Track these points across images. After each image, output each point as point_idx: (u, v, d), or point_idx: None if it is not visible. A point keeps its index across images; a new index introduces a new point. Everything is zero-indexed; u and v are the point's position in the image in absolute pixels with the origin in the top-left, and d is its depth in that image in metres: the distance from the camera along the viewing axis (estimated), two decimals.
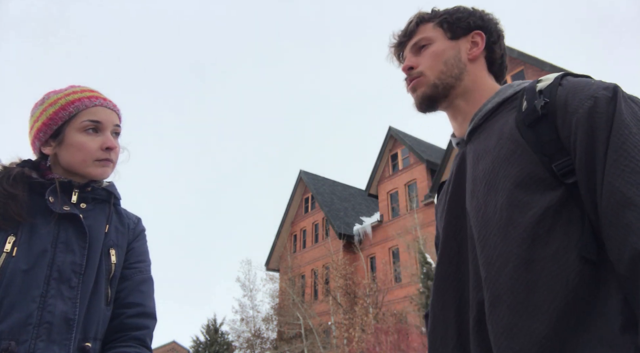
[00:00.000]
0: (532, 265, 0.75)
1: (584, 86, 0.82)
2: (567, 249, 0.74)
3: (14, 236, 1.06)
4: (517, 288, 0.75)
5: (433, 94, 1.03)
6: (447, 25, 1.06)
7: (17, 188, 1.11)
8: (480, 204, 0.87)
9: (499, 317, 0.76)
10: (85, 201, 1.20)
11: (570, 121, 0.80)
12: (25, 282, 1.02)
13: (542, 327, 0.71)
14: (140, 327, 1.16)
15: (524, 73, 15.26)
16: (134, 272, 1.23)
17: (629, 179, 0.70)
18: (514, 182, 0.82)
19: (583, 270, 0.72)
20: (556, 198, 0.78)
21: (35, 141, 1.21)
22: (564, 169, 0.79)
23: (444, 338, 0.90)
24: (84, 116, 1.18)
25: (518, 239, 0.78)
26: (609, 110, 0.76)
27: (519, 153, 0.84)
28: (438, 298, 0.94)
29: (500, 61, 1.09)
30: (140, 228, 1.34)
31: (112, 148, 1.20)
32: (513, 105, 0.93)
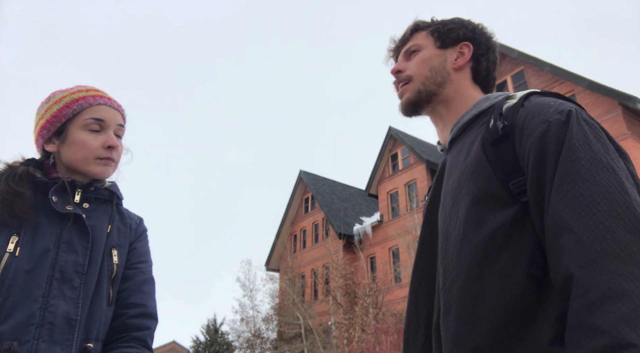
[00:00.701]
0: (480, 279, 0.80)
1: (541, 109, 0.86)
2: (514, 266, 0.78)
3: (17, 236, 1.06)
4: (464, 300, 0.81)
5: (416, 99, 1.09)
6: (437, 34, 1.12)
7: (23, 186, 1.11)
8: (446, 218, 0.93)
9: (448, 325, 0.82)
10: (88, 201, 1.20)
11: (525, 143, 0.83)
12: (27, 282, 1.02)
13: (483, 337, 0.77)
14: (141, 328, 1.16)
15: (524, 73, 15.25)
16: (135, 273, 1.23)
17: (569, 204, 0.74)
18: (472, 199, 0.86)
19: (526, 287, 0.77)
20: (511, 215, 0.82)
21: (39, 138, 1.22)
22: (520, 188, 0.83)
23: (415, 337, 0.97)
24: (87, 114, 1.19)
25: (470, 254, 0.83)
26: (559, 135, 0.80)
27: (480, 171, 0.88)
28: (413, 299, 1.00)
29: (485, 73, 1.12)
30: (142, 228, 1.34)
31: (114, 147, 1.20)
32: (485, 120, 0.97)
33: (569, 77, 13.58)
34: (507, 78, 15.78)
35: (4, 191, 1.09)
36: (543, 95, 0.92)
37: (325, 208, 22.31)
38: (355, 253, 20.62)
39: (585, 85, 13.07)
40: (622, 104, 12.30)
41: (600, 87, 12.68)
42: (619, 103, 12.37)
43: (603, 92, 12.59)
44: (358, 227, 21.48)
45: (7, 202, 1.07)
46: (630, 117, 12.52)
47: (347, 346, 16.15)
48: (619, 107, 12.39)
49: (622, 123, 12.20)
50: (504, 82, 15.89)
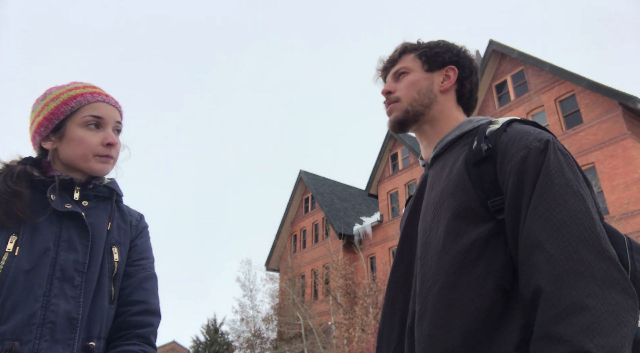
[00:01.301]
0: (455, 288, 0.87)
1: (522, 136, 0.93)
2: (487, 277, 0.85)
3: (16, 236, 1.05)
4: (439, 306, 0.87)
5: (404, 118, 1.16)
6: (425, 58, 1.18)
7: (21, 185, 1.10)
8: (426, 229, 0.99)
9: (422, 328, 0.88)
10: (87, 198, 1.19)
11: (506, 166, 0.90)
12: (28, 282, 1.01)
13: (454, 340, 0.83)
14: (144, 325, 1.16)
15: (524, 73, 15.25)
16: (137, 269, 1.22)
17: (542, 225, 0.81)
18: (452, 213, 0.93)
19: (496, 297, 0.84)
20: (486, 231, 0.89)
21: (35, 135, 1.20)
22: (497, 206, 0.90)
23: (388, 339, 1.03)
24: (85, 111, 1.18)
25: (448, 264, 0.89)
26: (538, 161, 0.87)
27: (461, 188, 0.94)
28: (388, 304, 1.06)
29: (469, 95, 1.20)
30: (143, 224, 1.33)
31: (113, 144, 1.20)
32: (467, 141, 1.04)
33: (569, 77, 13.58)
34: (507, 78, 15.77)
35: (2, 191, 1.08)
36: (523, 123, 1.00)
37: (325, 208, 22.30)
38: (355, 253, 20.62)
39: (585, 85, 13.06)
40: (622, 104, 12.30)
41: (600, 87, 12.67)
42: (619, 103, 12.37)
43: (603, 92, 12.59)
44: (358, 227, 21.47)
45: (5, 202, 1.06)
46: (630, 117, 12.51)
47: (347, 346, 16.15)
48: (619, 107, 12.39)
49: (622, 123, 12.19)
50: (504, 82, 15.88)
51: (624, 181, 11.65)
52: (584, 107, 13.29)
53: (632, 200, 11.30)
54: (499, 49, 15.92)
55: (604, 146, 12.34)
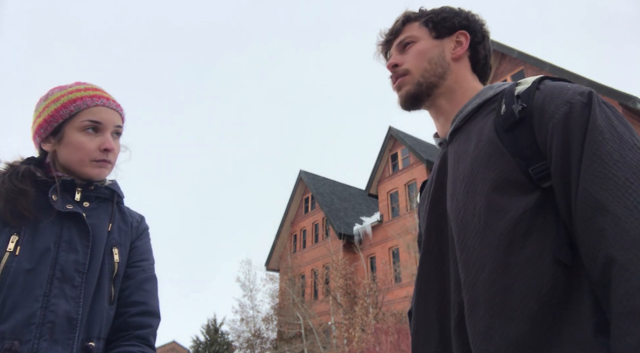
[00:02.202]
0: (508, 269, 0.76)
1: (560, 91, 0.83)
2: (542, 253, 0.75)
3: (17, 235, 1.06)
4: (493, 292, 0.77)
5: (417, 92, 1.04)
6: (432, 24, 1.07)
7: (26, 184, 1.11)
8: (459, 207, 0.88)
9: (477, 320, 0.77)
10: (88, 199, 1.20)
11: (546, 126, 0.81)
12: (28, 281, 1.01)
13: (517, 330, 0.73)
14: (143, 326, 1.16)
15: (524, 73, 15.25)
16: (137, 271, 1.23)
17: (602, 186, 0.71)
18: (491, 186, 0.83)
19: (557, 274, 0.74)
20: (532, 202, 0.79)
21: (35, 136, 1.21)
22: (540, 173, 0.80)
23: (426, 339, 0.91)
24: (84, 116, 1.17)
25: (495, 243, 0.79)
26: (583, 116, 0.78)
27: (497, 157, 0.84)
28: (421, 299, 0.95)
29: (484, 62, 1.09)
30: (144, 226, 1.33)
31: (110, 150, 1.19)
32: (492, 107, 0.93)
33: (569, 77, 13.58)
34: (507, 78, 15.78)
35: (9, 189, 1.08)
36: (554, 80, 0.90)
37: (325, 208, 22.31)
38: (355, 253, 20.62)
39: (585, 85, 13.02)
40: (622, 104, 12.30)
41: (600, 87, 12.68)
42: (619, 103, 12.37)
43: (603, 92, 12.59)
44: (358, 227, 21.48)
45: (12, 200, 1.07)
46: (630, 117, 12.51)
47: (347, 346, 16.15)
48: (619, 107, 12.38)
49: None
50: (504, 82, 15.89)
51: None
52: None
53: None
54: (499, 49, 15.92)
55: None
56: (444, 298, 0.90)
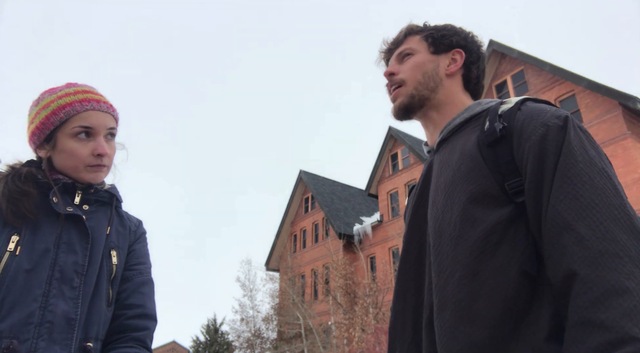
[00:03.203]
0: (477, 276, 0.81)
1: (539, 113, 0.88)
2: (510, 264, 0.80)
3: (18, 235, 1.07)
4: (461, 296, 0.82)
5: (409, 104, 1.10)
6: (431, 39, 1.14)
7: (28, 185, 1.12)
8: (438, 214, 0.93)
9: (444, 320, 0.83)
10: (88, 202, 1.21)
11: (524, 145, 0.86)
12: (27, 281, 1.02)
13: (479, 332, 0.78)
14: (140, 328, 1.17)
15: (524, 73, 15.25)
16: (134, 274, 1.24)
17: (569, 205, 0.76)
18: (469, 197, 0.88)
19: (521, 284, 0.79)
20: (505, 215, 0.84)
21: (30, 142, 1.21)
22: (515, 188, 0.85)
23: (401, 335, 0.96)
24: (75, 122, 1.16)
25: (467, 251, 0.84)
26: (558, 138, 0.83)
27: (477, 171, 0.89)
28: (399, 299, 1.00)
29: (476, 81, 1.15)
30: (142, 230, 1.34)
31: (103, 154, 1.18)
32: (478, 123, 0.99)
33: (569, 77, 13.58)
34: (507, 78, 15.77)
35: (12, 190, 1.09)
36: (536, 102, 0.95)
37: (325, 208, 22.31)
38: (355, 253, 20.62)
39: (585, 85, 13.07)
40: (622, 104, 12.30)
41: (600, 87, 12.68)
42: (619, 103, 12.37)
43: (603, 92, 12.59)
44: (358, 227, 21.48)
45: (15, 201, 1.08)
46: (630, 117, 12.52)
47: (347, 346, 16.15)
48: (619, 107, 12.39)
49: (622, 123, 12.20)
50: (504, 82, 15.88)
51: (624, 181, 11.65)
52: (584, 107, 13.29)
53: (632, 200, 11.30)
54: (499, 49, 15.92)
55: (604, 146, 12.33)
56: (419, 298, 0.95)
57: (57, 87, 1.23)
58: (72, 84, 1.24)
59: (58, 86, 1.24)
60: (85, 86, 1.24)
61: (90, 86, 1.26)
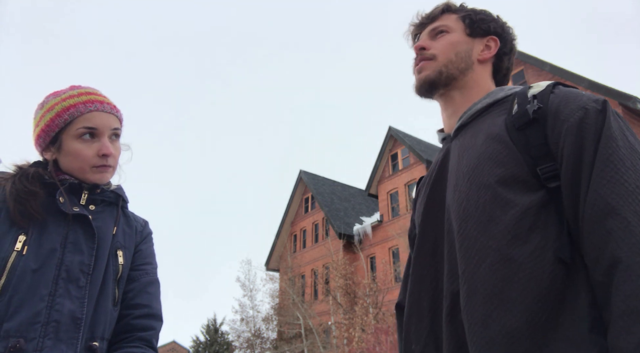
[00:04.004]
0: (510, 261, 0.78)
1: (575, 96, 0.86)
2: (544, 249, 0.77)
3: (25, 235, 1.07)
4: (493, 282, 0.78)
5: (435, 79, 1.05)
6: (469, 21, 1.09)
7: (35, 186, 1.12)
8: (462, 198, 0.89)
9: (475, 308, 0.79)
10: (94, 203, 1.22)
11: (560, 128, 0.83)
12: (34, 281, 1.03)
13: (514, 320, 0.74)
14: (146, 328, 1.18)
15: (524, 73, 15.26)
16: (140, 274, 1.25)
17: (614, 189, 0.73)
18: (498, 180, 0.84)
19: (556, 271, 0.75)
20: (537, 200, 0.81)
21: (36, 145, 1.22)
22: (548, 173, 0.82)
23: (417, 327, 0.92)
24: (79, 123, 1.17)
25: (498, 235, 0.80)
26: (597, 122, 0.80)
27: (506, 154, 0.86)
28: (415, 287, 0.96)
29: (505, 72, 1.12)
30: (148, 230, 1.35)
31: (108, 155, 1.19)
32: (503, 107, 0.96)
33: (569, 77, 13.59)
34: None
35: (20, 190, 1.10)
36: (567, 87, 0.92)
37: (325, 208, 22.32)
38: (355, 253, 20.63)
39: (585, 85, 13.07)
40: (622, 104, 12.31)
41: (600, 87, 12.69)
42: (619, 103, 12.38)
43: (603, 92, 12.60)
44: (358, 227, 21.48)
45: (22, 201, 1.09)
46: (630, 117, 12.52)
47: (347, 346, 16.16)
48: (619, 107, 12.39)
49: None
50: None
51: None
52: None
53: None
54: None
55: None
56: (437, 287, 0.91)
57: (61, 90, 1.24)
58: (75, 87, 1.25)
59: (62, 88, 1.25)
60: (89, 88, 1.26)
61: (94, 88, 1.27)
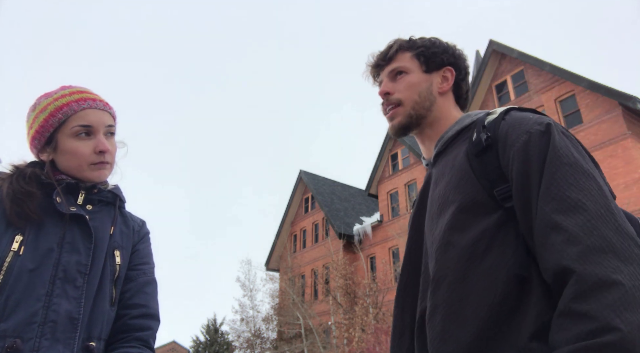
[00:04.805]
0: (465, 281, 0.85)
1: (522, 122, 0.93)
2: (499, 267, 0.84)
3: (22, 235, 1.07)
4: (451, 300, 0.86)
5: (407, 123, 1.14)
6: (423, 58, 1.16)
7: (32, 186, 1.12)
8: (432, 224, 0.98)
9: (435, 324, 0.87)
10: (92, 202, 1.21)
11: (509, 153, 0.90)
12: (31, 281, 1.03)
13: (468, 335, 0.82)
14: (143, 328, 1.18)
15: (524, 73, 15.25)
16: (138, 274, 1.24)
17: (557, 206, 0.80)
18: (458, 206, 0.92)
19: (509, 287, 0.82)
20: (494, 220, 0.88)
21: (32, 147, 1.22)
22: (504, 194, 0.89)
23: (401, 339, 1.01)
24: (73, 122, 1.17)
25: (456, 257, 0.88)
26: (541, 143, 0.87)
27: (465, 181, 0.94)
28: (398, 304, 1.05)
29: (465, 96, 1.20)
30: (145, 230, 1.35)
31: (105, 151, 1.19)
32: (467, 135, 1.04)
33: (569, 77, 13.58)
34: (507, 78, 15.78)
35: (16, 191, 1.10)
36: (521, 110, 0.99)
37: (325, 208, 22.31)
38: (355, 253, 20.62)
39: (585, 85, 13.07)
40: (622, 104, 12.30)
41: (600, 87, 12.68)
42: (619, 103, 12.37)
43: (603, 92, 12.59)
44: (358, 227, 21.47)
45: (19, 201, 1.08)
46: (630, 117, 12.52)
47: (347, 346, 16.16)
48: (619, 107, 12.39)
49: (622, 123, 12.20)
50: (504, 82, 15.89)
51: (624, 181, 11.64)
52: (584, 107, 13.29)
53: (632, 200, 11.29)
54: (499, 49, 15.92)
55: (604, 146, 12.34)
56: (415, 303, 0.99)
57: (52, 91, 1.23)
58: (66, 87, 1.25)
59: (53, 89, 1.24)
60: (80, 87, 1.25)
61: (85, 87, 1.27)
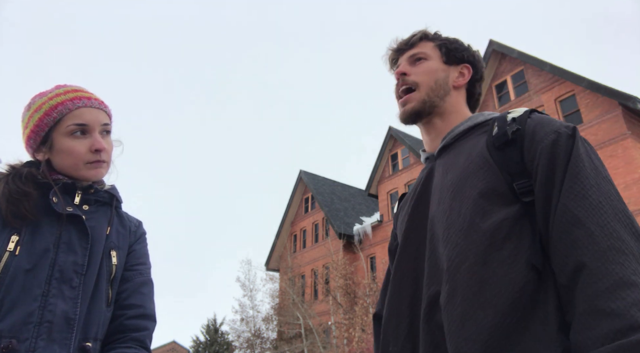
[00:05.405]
0: (487, 264, 0.85)
1: (549, 122, 0.96)
2: (517, 256, 0.85)
3: (18, 235, 1.07)
4: (471, 283, 0.85)
5: (420, 109, 1.14)
6: (445, 49, 1.18)
7: (29, 186, 1.12)
8: (446, 209, 0.98)
9: (454, 307, 0.85)
10: (88, 203, 1.21)
11: (536, 148, 0.92)
12: (27, 281, 1.02)
13: (490, 318, 0.81)
14: (140, 328, 1.17)
15: (524, 73, 15.25)
16: (134, 274, 1.24)
17: (580, 203, 0.82)
18: (479, 192, 0.93)
19: (528, 275, 0.83)
20: (513, 212, 0.89)
21: (27, 147, 1.21)
22: (523, 189, 0.91)
23: (396, 330, 0.99)
24: (68, 120, 1.16)
25: (477, 241, 0.88)
26: (568, 145, 0.90)
27: (486, 169, 0.95)
28: (395, 293, 1.03)
29: (477, 97, 1.22)
30: (141, 231, 1.35)
31: (101, 149, 1.18)
32: (483, 130, 1.05)
33: (569, 77, 13.58)
34: (507, 78, 15.77)
35: (12, 191, 1.09)
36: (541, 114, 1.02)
37: (325, 208, 22.31)
38: (355, 253, 20.63)
39: (585, 85, 13.07)
40: (622, 104, 12.30)
41: (600, 87, 12.68)
42: (619, 103, 12.37)
43: (603, 92, 12.59)
44: (358, 227, 21.48)
45: (15, 201, 1.08)
46: (630, 117, 12.52)
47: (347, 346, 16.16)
48: (619, 107, 12.39)
49: (622, 123, 12.20)
50: (504, 82, 15.88)
51: (624, 181, 11.64)
52: (584, 107, 13.29)
53: (632, 200, 11.29)
54: (499, 49, 15.92)
55: (604, 146, 12.34)
56: (416, 292, 0.98)
57: (46, 90, 1.23)
58: (61, 85, 1.24)
59: (47, 89, 1.24)
60: (75, 86, 1.25)
61: (80, 86, 1.26)
